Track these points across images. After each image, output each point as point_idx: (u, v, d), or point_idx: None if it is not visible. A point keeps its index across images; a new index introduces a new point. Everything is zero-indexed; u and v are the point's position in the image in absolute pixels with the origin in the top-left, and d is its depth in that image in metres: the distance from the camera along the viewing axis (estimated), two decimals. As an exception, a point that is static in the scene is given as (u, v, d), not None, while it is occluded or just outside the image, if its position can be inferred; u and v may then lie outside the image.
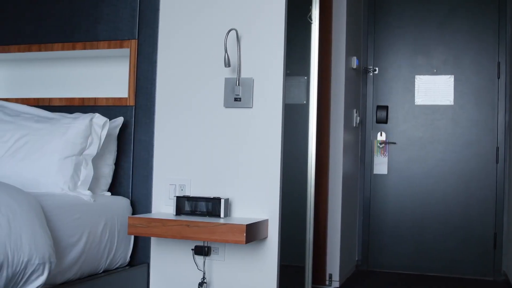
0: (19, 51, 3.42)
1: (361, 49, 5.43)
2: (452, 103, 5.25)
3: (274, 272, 2.90)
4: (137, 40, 3.20)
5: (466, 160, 5.19)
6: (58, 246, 2.45)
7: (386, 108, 5.37)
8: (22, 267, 2.14)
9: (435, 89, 5.30)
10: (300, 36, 3.54)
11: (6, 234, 2.09)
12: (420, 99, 5.34)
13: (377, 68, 5.45)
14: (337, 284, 4.46)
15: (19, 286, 2.18)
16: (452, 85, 5.25)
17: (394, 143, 5.37)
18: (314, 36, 3.50)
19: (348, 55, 4.68)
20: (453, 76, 5.26)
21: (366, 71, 5.45)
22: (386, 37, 5.46)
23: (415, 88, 5.35)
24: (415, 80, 5.36)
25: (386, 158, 5.37)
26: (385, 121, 5.36)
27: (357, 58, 4.99)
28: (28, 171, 2.82)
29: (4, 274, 2.07)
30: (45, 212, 2.40)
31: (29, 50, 3.40)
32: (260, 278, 2.91)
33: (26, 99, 3.41)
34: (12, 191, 2.29)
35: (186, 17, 3.11)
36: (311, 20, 3.43)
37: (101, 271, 2.85)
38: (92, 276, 2.75)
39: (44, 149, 2.85)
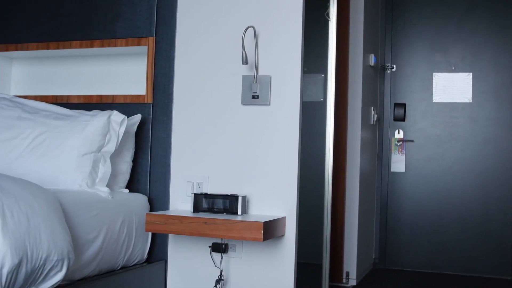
0: (37, 48, 3.44)
1: (379, 46, 5.41)
2: (470, 100, 5.21)
3: (292, 270, 2.89)
4: (154, 38, 3.20)
5: (484, 158, 5.16)
6: (76, 243, 2.47)
7: (403, 105, 5.34)
8: (41, 263, 2.15)
9: (453, 87, 5.27)
10: (317, 34, 3.53)
11: (25, 230, 2.10)
12: (438, 96, 5.31)
13: (394, 66, 5.43)
14: (354, 282, 4.45)
15: (38, 282, 2.19)
16: (471, 83, 5.22)
17: (412, 141, 5.35)
18: (332, 33, 3.50)
19: (366, 52, 4.67)
20: (471, 73, 5.22)
21: (383, 68, 5.43)
22: (403, 34, 5.43)
23: (433, 86, 5.33)
24: (433, 77, 5.33)
25: (404, 156, 5.35)
26: (403, 119, 5.34)
27: (375, 56, 4.97)
28: (46, 167, 2.83)
29: (23, 270, 2.08)
30: (63, 209, 2.41)
31: (48, 47, 3.42)
32: (277, 276, 2.91)
33: (45, 96, 3.43)
34: (31, 187, 2.30)
35: (203, 14, 3.12)
36: (329, 17, 3.43)
37: (119, 268, 2.86)
38: (110, 273, 2.76)
39: (62, 146, 2.87)
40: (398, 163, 5.36)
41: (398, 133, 5.37)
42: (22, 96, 3.39)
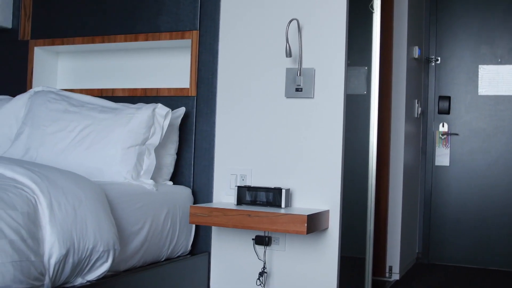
0: (83, 43, 3.49)
1: (423, 38, 5.34)
2: (517, 93, 5.12)
3: (335, 263, 2.89)
4: (198, 31, 3.21)
5: (531, 152, 5.06)
6: (121, 234, 2.50)
7: (448, 98, 5.27)
8: (87, 254, 2.18)
9: (499, 79, 5.17)
10: (361, 26, 3.50)
11: (72, 221, 2.13)
12: (484, 89, 5.22)
13: (439, 58, 5.35)
14: (397, 276, 4.41)
15: (84, 272, 2.23)
16: (518, 75, 5.12)
17: (457, 134, 5.27)
18: (376, 25, 3.46)
19: (410, 44, 4.61)
20: (518, 65, 5.13)
21: (428, 61, 5.36)
22: (448, 26, 5.35)
23: (479, 78, 5.24)
24: (479, 70, 5.24)
25: (448, 149, 5.27)
26: (447, 112, 5.27)
27: (419, 48, 4.90)
28: (92, 160, 2.87)
29: (70, 260, 2.11)
30: (109, 201, 2.45)
31: (93, 42, 3.46)
32: (320, 269, 2.90)
33: (90, 89, 3.47)
34: (78, 179, 2.33)
35: (247, 7, 3.12)
36: (373, 9, 3.39)
37: (163, 259, 2.89)
38: (154, 264, 2.79)
39: (107, 139, 2.90)
40: (442, 156, 5.29)
41: (443, 126, 5.30)
42: (68, 90, 3.44)
